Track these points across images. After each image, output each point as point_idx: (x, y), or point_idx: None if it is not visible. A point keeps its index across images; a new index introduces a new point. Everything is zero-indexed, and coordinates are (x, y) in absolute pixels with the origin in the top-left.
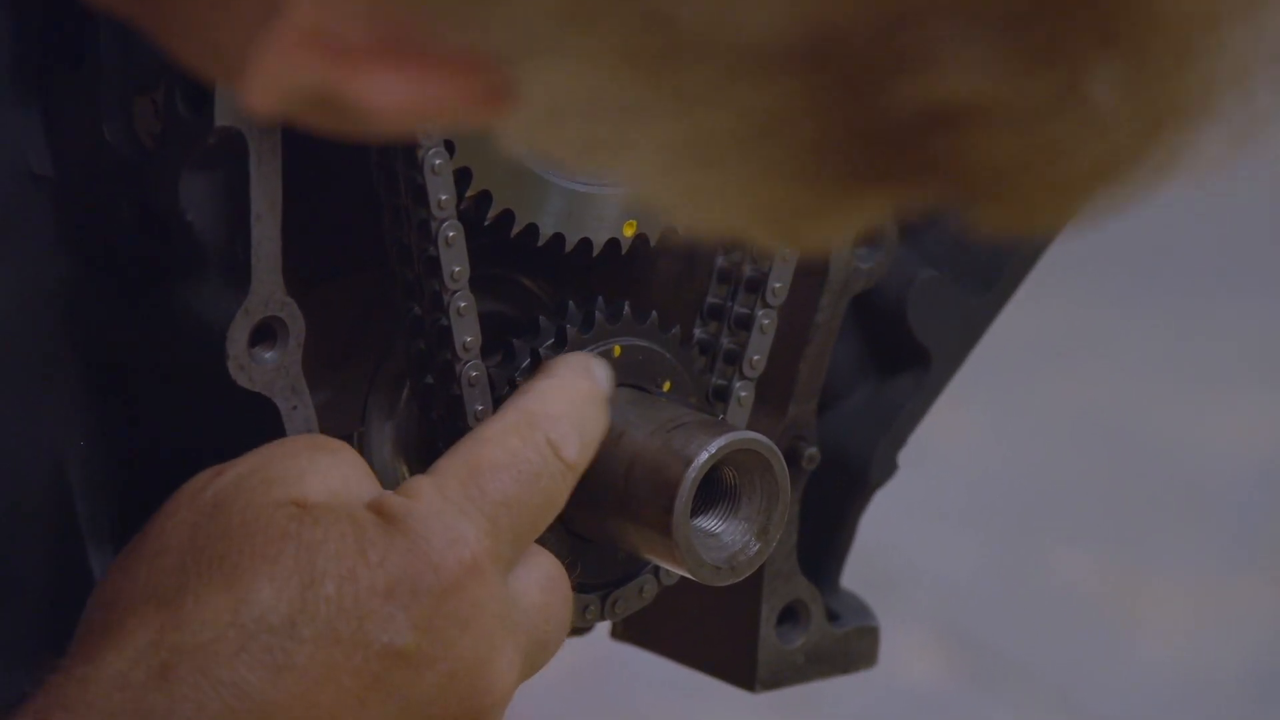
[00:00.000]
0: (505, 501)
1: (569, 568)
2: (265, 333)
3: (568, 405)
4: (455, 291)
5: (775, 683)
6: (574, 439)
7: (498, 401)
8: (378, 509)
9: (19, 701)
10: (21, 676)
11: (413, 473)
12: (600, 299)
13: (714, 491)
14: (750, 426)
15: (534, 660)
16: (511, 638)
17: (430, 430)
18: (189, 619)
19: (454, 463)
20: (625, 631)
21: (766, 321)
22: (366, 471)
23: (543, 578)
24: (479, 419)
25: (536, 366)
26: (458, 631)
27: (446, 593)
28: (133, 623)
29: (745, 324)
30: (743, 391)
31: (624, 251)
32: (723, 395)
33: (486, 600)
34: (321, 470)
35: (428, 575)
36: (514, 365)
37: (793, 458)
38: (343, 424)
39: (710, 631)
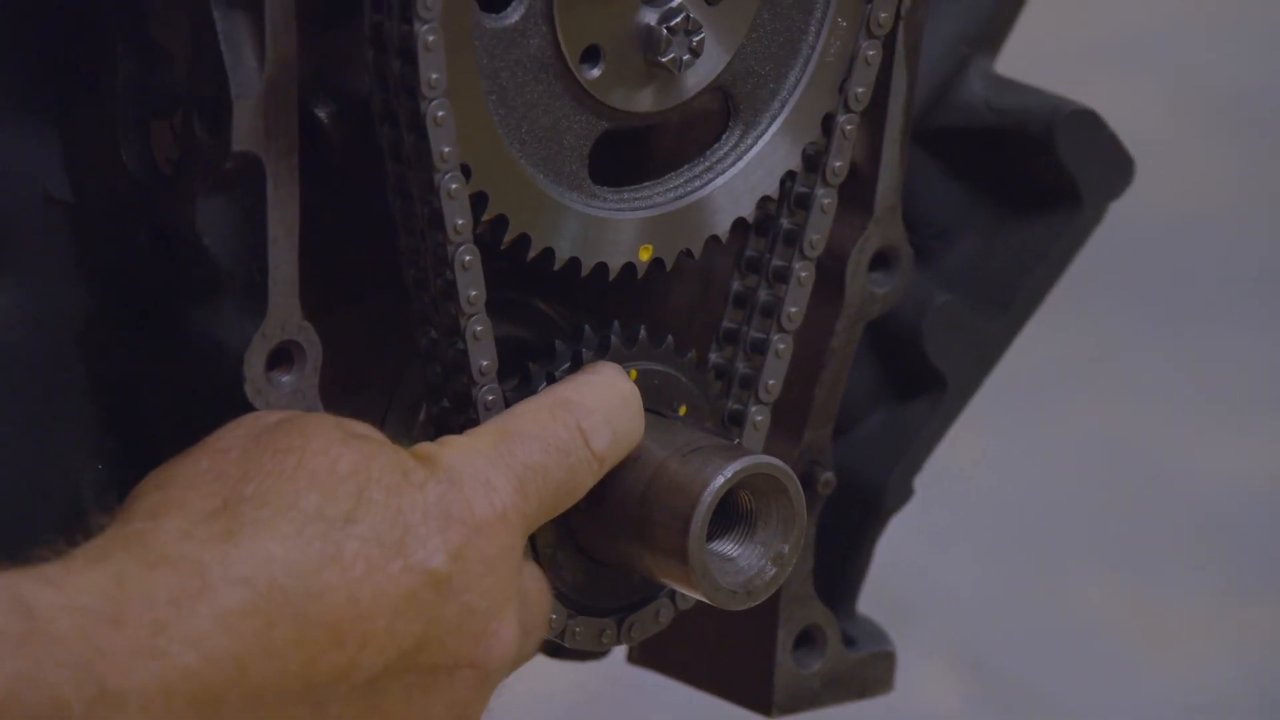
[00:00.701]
0: (532, 466)
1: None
2: (282, 356)
3: (603, 401)
4: (472, 316)
5: (792, 708)
6: (605, 432)
7: None
8: (413, 451)
9: None
10: None
11: None
12: (616, 323)
13: (730, 516)
14: (766, 451)
15: (524, 644)
16: (518, 600)
17: None
18: (249, 498)
19: (486, 427)
20: (641, 656)
21: (782, 346)
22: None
23: (532, 572)
24: None
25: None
26: (482, 570)
27: (478, 529)
28: (193, 495)
29: (761, 349)
30: (758, 416)
31: (640, 276)
32: (738, 420)
33: (510, 551)
34: (365, 427)
35: (462, 508)
36: (530, 389)
37: (808, 482)
38: None
39: (726, 656)
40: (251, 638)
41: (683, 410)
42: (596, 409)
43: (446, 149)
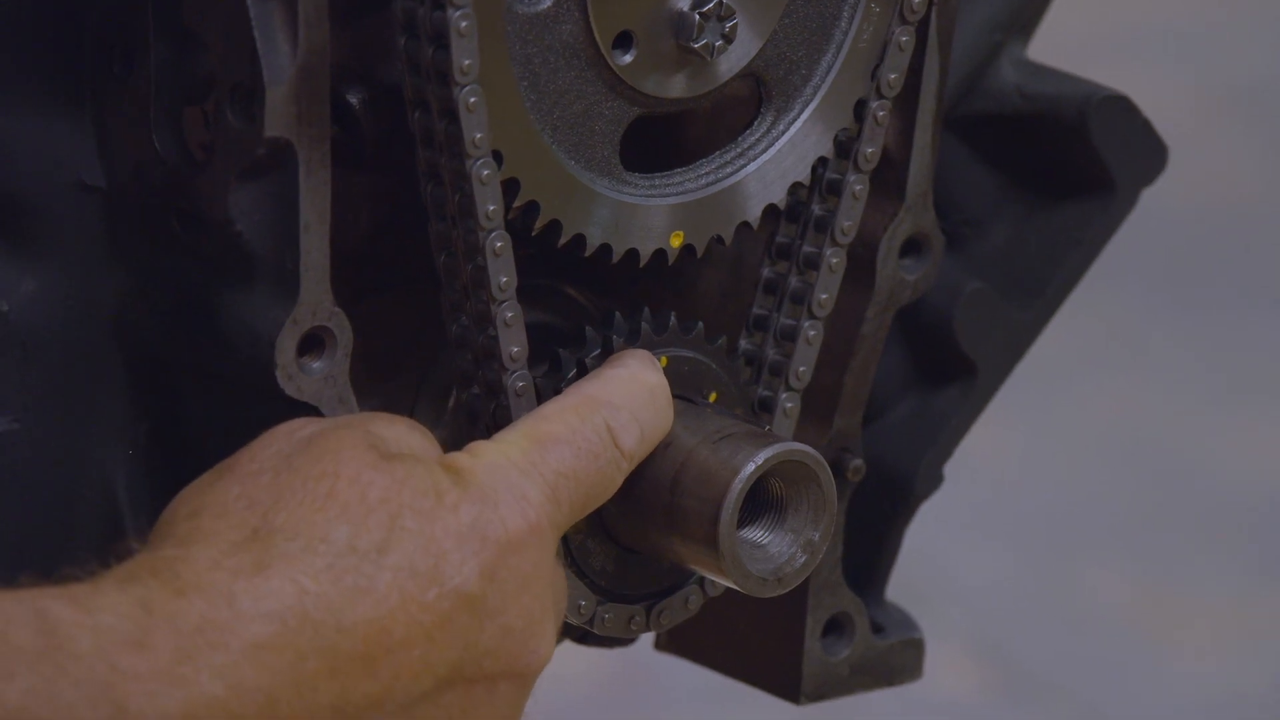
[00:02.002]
0: (564, 473)
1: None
2: (313, 342)
3: (629, 396)
4: (503, 302)
5: (820, 695)
6: (633, 429)
7: None
8: (447, 464)
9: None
10: None
11: None
12: (646, 309)
13: (760, 503)
14: (796, 438)
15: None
16: (555, 608)
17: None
18: (279, 529)
19: (515, 433)
20: (669, 643)
21: (812, 333)
22: (435, 442)
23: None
24: None
25: (583, 376)
26: (517, 588)
27: (512, 547)
28: (223, 525)
29: (791, 335)
30: (789, 403)
31: (670, 262)
32: (768, 407)
33: (544, 564)
34: (398, 433)
35: (496, 527)
36: (560, 376)
37: (838, 470)
38: None
39: (755, 643)
40: (282, 671)
41: (713, 397)
42: (624, 406)
43: (478, 135)
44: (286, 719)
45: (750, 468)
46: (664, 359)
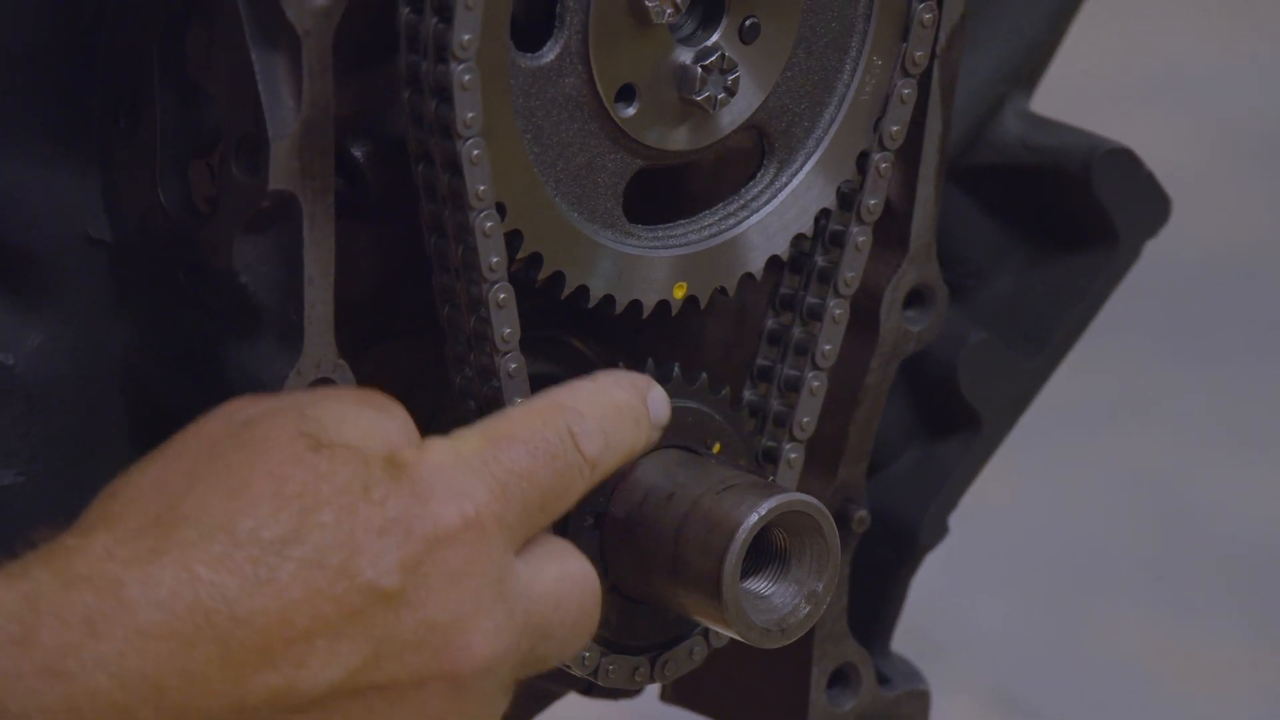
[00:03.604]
0: (517, 471)
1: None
2: None
3: (596, 406)
4: (506, 353)
5: None
6: (598, 437)
7: None
8: (391, 458)
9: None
10: None
11: None
12: (650, 360)
13: (764, 553)
14: (800, 489)
15: (535, 650)
16: (504, 607)
17: None
18: (185, 516)
19: (473, 430)
20: (675, 694)
21: (816, 384)
22: (410, 432)
23: (561, 571)
24: None
25: None
26: (445, 583)
27: (441, 542)
28: (130, 512)
29: (795, 386)
30: (792, 454)
31: (674, 313)
32: (772, 457)
33: (483, 561)
34: (358, 422)
35: (425, 522)
36: None
37: (843, 520)
38: None
39: (760, 694)
40: (169, 659)
41: (717, 448)
42: (589, 415)
43: (482, 188)
44: (178, 709)
45: (754, 518)
46: None
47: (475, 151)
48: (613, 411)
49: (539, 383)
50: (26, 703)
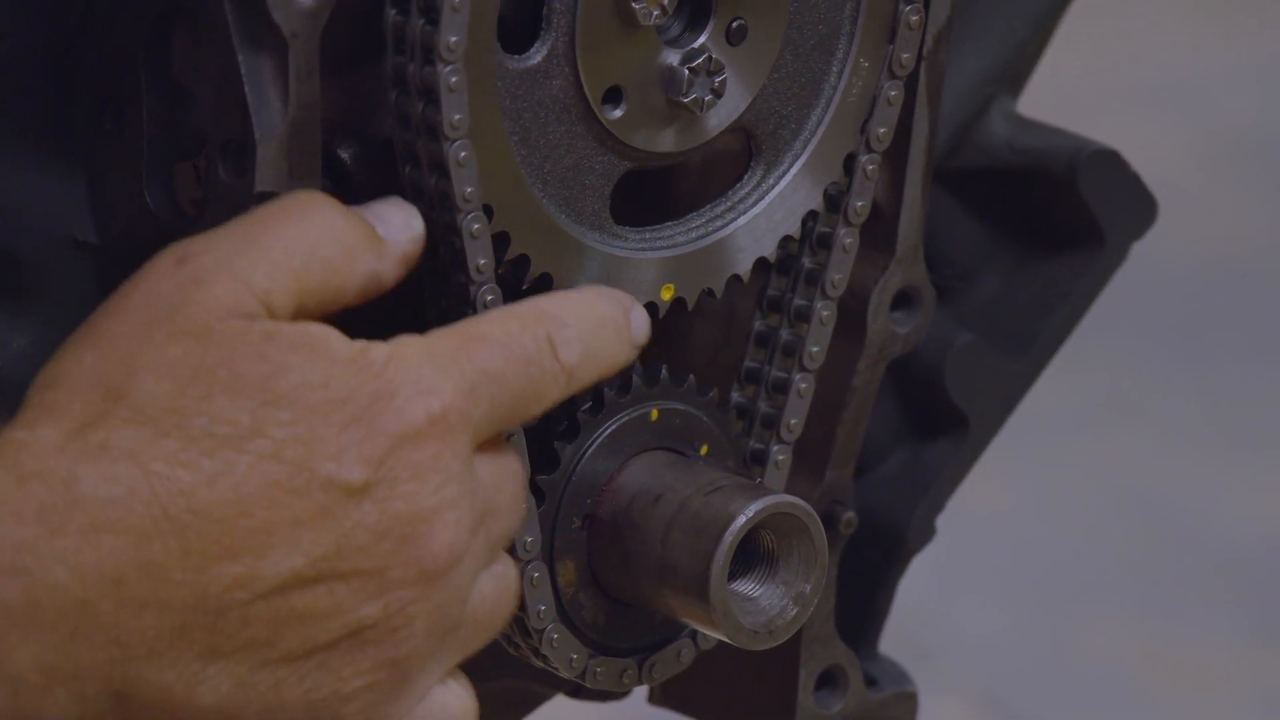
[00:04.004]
0: (489, 371)
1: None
2: None
3: (580, 317)
4: None
5: None
6: (576, 346)
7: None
8: (357, 349)
9: None
10: None
11: None
12: (637, 362)
13: (751, 555)
14: (787, 491)
15: (490, 530)
16: (467, 501)
17: None
18: (135, 408)
19: (448, 330)
20: (662, 696)
21: (804, 385)
22: (362, 234)
23: (496, 466)
24: None
25: (574, 430)
26: (408, 478)
27: (405, 438)
28: (74, 402)
29: (782, 388)
30: (780, 455)
31: (661, 315)
32: (760, 459)
33: (447, 457)
34: (298, 286)
35: (389, 417)
36: (550, 430)
37: (830, 522)
38: None
39: (748, 696)
40: (125, 552)
41: (704, 450)
42: (571, 324)
43: (469, 190)
44: (138, 600)
45: (741, 520)
46: (655, 411)
47: (462, 153)
48: (596, 323)
49: None
50: None
